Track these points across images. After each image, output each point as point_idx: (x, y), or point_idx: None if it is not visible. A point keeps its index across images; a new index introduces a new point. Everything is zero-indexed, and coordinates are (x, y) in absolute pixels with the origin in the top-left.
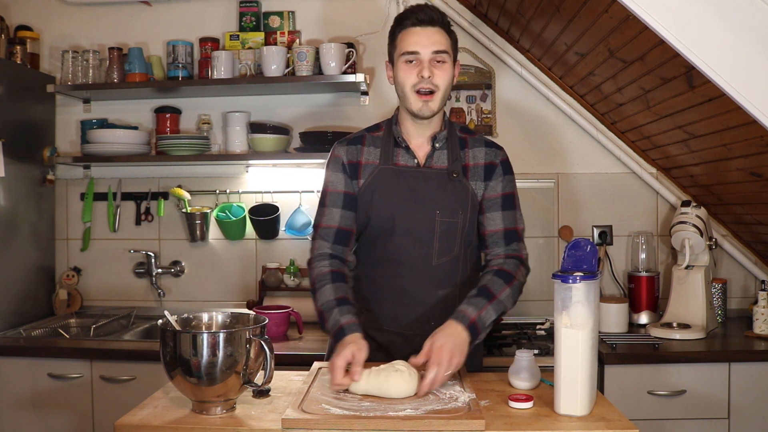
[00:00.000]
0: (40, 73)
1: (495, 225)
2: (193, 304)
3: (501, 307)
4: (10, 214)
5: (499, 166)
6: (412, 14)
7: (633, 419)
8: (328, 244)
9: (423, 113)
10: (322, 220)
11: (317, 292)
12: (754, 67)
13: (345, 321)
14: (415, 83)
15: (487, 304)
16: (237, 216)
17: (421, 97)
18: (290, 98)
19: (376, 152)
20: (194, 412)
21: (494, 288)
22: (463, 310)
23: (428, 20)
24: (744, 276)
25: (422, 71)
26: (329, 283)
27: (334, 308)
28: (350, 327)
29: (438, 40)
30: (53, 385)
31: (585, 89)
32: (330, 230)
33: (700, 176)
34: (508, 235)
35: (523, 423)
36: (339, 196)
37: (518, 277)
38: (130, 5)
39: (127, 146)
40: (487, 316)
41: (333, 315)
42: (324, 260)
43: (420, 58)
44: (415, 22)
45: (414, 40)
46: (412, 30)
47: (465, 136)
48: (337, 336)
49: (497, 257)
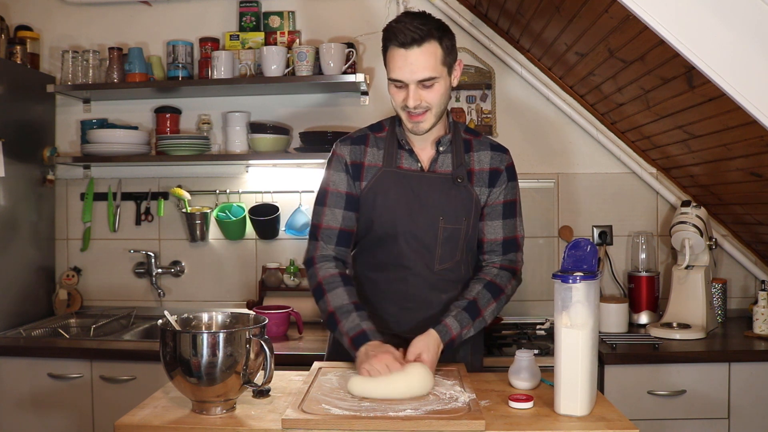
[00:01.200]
0: (40, 73)
1: (494, 234)
2: (193, 304)
3: (482, 324)
4: (10, 214)
5: (503, 173)
6: (394, 36)
7: (633, 419)
8: (331, 246)
9: (416, 132)
10: (322, 220)
11: (328, 293)
12: (754, 67)
13: (367, 327)
14: (403, 107)
15: (471, 324)
16: (237, 216)
17: (413, 117)
18: (290, 98)
19: (379, 154)
20: (194, 412)
21: (482, 303)
22: (448, 325)
23: (410, 41)
24: (744, 276)
25: (407, 100)
26: (342, 286)
27: (352, 312)
28: (373, 333)
29: (423, 64)
30: (53, 385)
31: (585, 89)
32: (332, 231)
33: (700, 176)
34: (506, 245)
35: (523, 423)
36: (341, 196)
37: (506, 291)
38: (130, 5)
39: (127, 146)
40: (467, 333)
41: (351, 318)
42: (329, 262)
43: (405, 84)
44: (396, 44)
45: (399, 66)
46: (396, 52)
47: (470, 138)
48: (358, 339)
49: (492, 265)
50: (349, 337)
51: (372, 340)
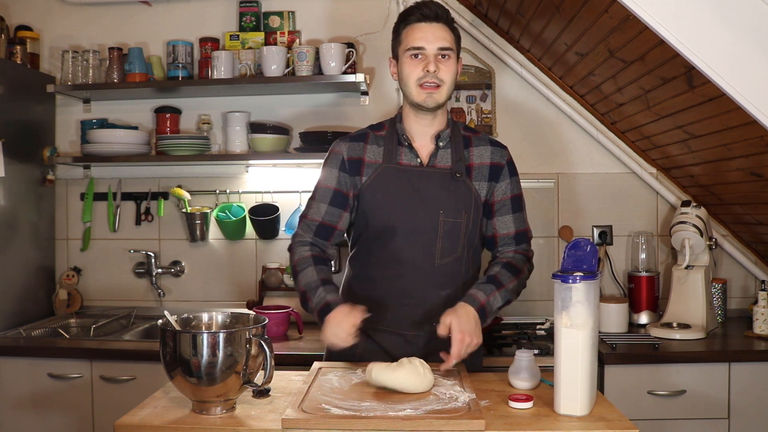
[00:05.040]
0: (40, 73)
1: (507, 228)
2: (193, 304)
3: (507, 296)
4: (10, 214)
5: (505, 167)
6: (417, 10)
7: (633, 419)
8: (309, 235)
9: (428, 104)
10: (308, 212)
11: (299, 274)
12: (754, 67)
13: (331, 298)
14: (420, 77)
15: (495, 291)
16: (237, 216)
17: (426, 89)
18: (290, 98)
19: (379, 151)
20: (194, 412)
21: (503, 278)
22: (474, 294)
23: (433, 16)
24: (744, 276)
25: (428, 65)
26: (311, 266)
27: (318, 287)
28: (336, 304)
29: (443, 36)
30: (53, 385)
31: (585, 89)
32: (313, 223)
33: (700, 176)
34: (518, 237)
35: (523, 423)
36: (329, 191)
37: (524, 272)
38: (130, 5)
39: (127, 146)
40: (495, 302)
41: (318, 293)
42: (305, 246)
43: (425, 53)
44: (420, 17)
45: (419, 36)
46: (417, 26)
47: (469, 135)
48: (323, 312)
49: (507, 251)
50: (317, 311)
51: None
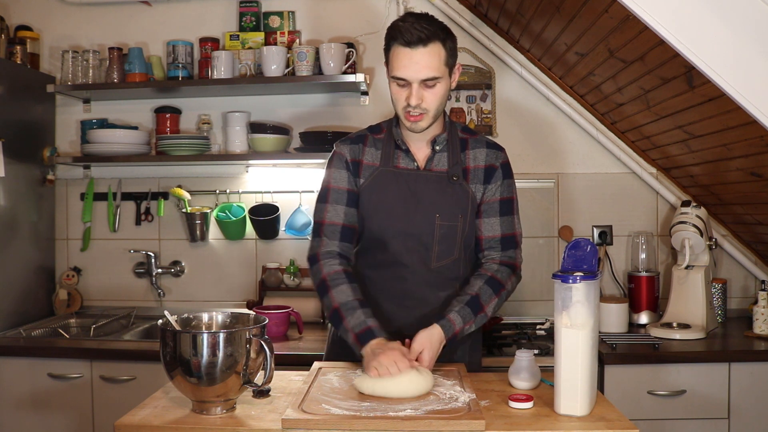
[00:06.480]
0: (40, 73)
1: (492, 231)
2: (193, 304)
3: (484, 320)
4: (10, 214)
5: (499, 170)
6: (401, 34)
7: (633, 419)
8: (335, 242)
9: (414, 129)
10: (325, 216)
11: (333, 289)
12: (754, 67)
13: (373, 324)
14: (404, 106)
15: (473, 319)
16: (237, 216)
17: (411, 119)
18: (290, 98)
19: (377, 154)
20: (194, 412)
21: (484, 298)
22: (452, 320)
23: (416, 40)
24: (744, 276)
25: (410, 98)
26: (346, 283)
27: (357, 309)
28: (379, 330)
29: (427, 63)
30: (53, 385)
31: (585, 89)
32: (336, 227)
33: (700, 176)
34: (504, 241)
35: (523, 423)
36: (343, 193)
37: (507, 287)
38: (130, 5)
39: (127, 146)
40: (469, 329)
41: (356, 315)
42: (334, 258)
43: (409, 82)
44: (402, 43)
45: (403, 64)
46: (401, 51)
47: (466, 137)
48: (364, 336)
49: (492, 261)
50: (355, 334)
51: (378, 337)
